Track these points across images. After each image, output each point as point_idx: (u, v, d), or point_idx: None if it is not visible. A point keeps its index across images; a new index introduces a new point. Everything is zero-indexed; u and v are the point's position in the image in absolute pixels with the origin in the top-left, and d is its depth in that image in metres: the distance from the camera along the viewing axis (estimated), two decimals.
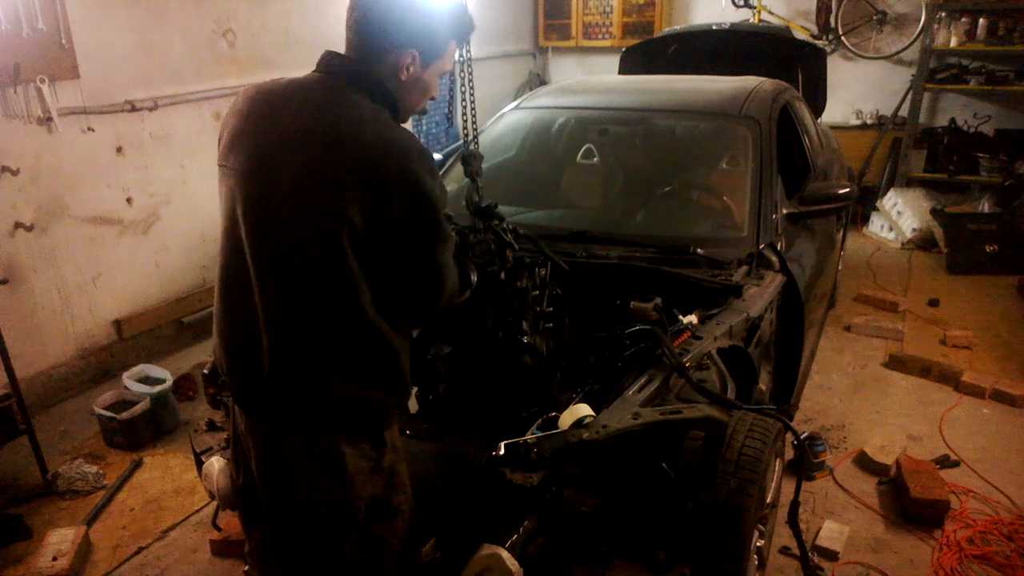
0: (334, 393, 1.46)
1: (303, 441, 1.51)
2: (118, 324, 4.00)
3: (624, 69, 5.00)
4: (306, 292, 1.43)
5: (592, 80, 4.20)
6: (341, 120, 1.41)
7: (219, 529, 2.46)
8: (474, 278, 1.80)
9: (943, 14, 5.91)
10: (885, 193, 6.34)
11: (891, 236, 6.08)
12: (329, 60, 1.53)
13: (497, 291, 2.01)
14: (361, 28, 1.50)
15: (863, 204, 6.33)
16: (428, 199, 1.42)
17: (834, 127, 5.61)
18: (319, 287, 1.42)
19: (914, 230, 5.87)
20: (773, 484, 2.22)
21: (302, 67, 1.54)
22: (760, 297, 2.38)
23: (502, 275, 1.99)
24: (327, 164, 1.37)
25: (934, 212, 5.78)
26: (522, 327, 2.04)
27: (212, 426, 2.32)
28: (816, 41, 6.32)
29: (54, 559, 2.52)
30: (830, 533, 2.66)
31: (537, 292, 2.11)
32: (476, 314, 2.02)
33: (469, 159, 2.10)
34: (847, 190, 2.93)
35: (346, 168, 1.36)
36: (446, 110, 6.82)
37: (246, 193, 1.45)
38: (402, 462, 1.61)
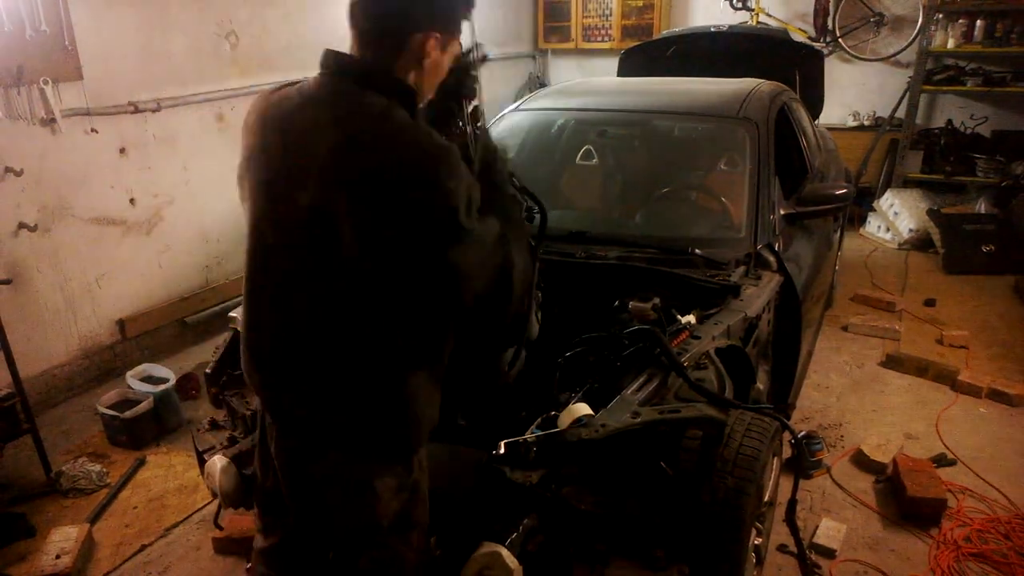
0: (358, 421, 1.44)
1: (333, 458, 1.48)
2: (121, 324, 4.03)
3: (623, 71, 5.02)
4: (330, 311, 1.38)
5: (591, 82, 4.21)
6: (354, 126, 1.33)
7: (221, 528, 2.48)
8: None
9: (940, 16, 5.92)
10: (882, 194, 6.36)
11: (888, 236, 6.10)
12: (334, 60, 1.41)
13: None
14: (376, 14, 1.39)
15: (860, 205, 6.35)
16: (446, 201, 1.32)
17: (831, 128, 5.62)
18: (341, 306, 1.37)
19: (911, 231, 5.89)
20: (771, 482, 2.23)
21: (305, 69, 1.48)
22: (758, 297, 2.40)
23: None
24: (343, 175, 1.32)
25: (931, 213, 5.79)
26: None
27: (214, 425, 2.35)
28: (814, 43, 6.34)
29: (57, 557, 2.54)
30: (827, 531, 2.67)
31: None
32: None
33: None
34: (844, 191, 2.95)
35: (364, 176, 1.31)
36: None
37: (268, 212, 1.41)
38: (425, 478, 1.59)
